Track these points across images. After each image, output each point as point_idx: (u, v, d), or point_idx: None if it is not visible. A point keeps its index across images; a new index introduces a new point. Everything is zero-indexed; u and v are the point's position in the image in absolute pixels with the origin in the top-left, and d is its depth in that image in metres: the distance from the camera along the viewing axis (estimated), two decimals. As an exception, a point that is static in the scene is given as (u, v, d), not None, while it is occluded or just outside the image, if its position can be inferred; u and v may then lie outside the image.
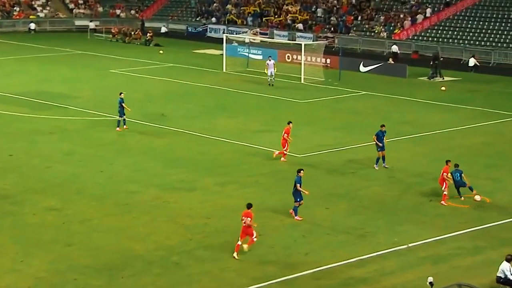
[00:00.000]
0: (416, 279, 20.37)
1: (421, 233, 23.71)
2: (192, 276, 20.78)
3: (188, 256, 22.02)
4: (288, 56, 58.27)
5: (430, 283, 18.96)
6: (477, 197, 26.49)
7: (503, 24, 60.90)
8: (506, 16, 61.63)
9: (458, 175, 26.95)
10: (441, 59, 54.67)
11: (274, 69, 48.52)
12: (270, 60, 48.87)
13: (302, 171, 25.06)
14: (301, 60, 52.42)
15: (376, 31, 66.16)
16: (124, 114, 36.56)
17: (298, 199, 24.77)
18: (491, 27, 61.24)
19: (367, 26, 67.83)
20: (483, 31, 61.24)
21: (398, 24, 65.94)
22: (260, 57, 58.93)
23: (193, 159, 32.04)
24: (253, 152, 33.23)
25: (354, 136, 36.01)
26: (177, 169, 30.64)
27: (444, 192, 26.53)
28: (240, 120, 39.44)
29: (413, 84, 50.69)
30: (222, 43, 57.16)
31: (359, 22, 68.93)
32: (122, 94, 36.90)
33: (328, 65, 55.53)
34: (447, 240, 23.27)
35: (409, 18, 65.59)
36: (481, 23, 62.08)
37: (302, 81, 50.85)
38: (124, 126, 36.65)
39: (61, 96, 45.40)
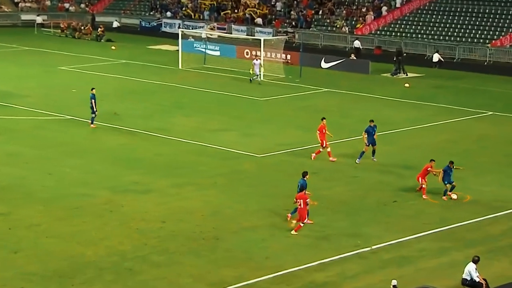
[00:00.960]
0: (379, 282, 20.54)
1: (385, 234, 23.93)
2: (146, 282, 20.66)
3: (142, 262, 21.89)
4: (247, 52, 58.32)
5: (394, 286, 19.16)
6: (454, 196, 26.93)
7: (467, 18, 61.80)
8: (470, 10, 62.55)
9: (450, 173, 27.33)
10: (405, 54, 55.28)
11: (261, 69, 48.35)
12: (257, 60, 48.90)
13: (307, 175, 25.12)
14: (260, 56, 52.48)
15: (337, 26, 66.60)
16: (95, 112, 36.48)
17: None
18: (455, 21, 62.10)
19: (328, 20, 68.25)
20: (447, 25, 62.07)
21: (361, 18, 66.47)
22: (217, 53, 58.88)
23: (148, 160, 31.87)
24: (211, 152, 33.19)
25: (315, 134, 36.10)
26: (131, 170, 30.45)
27: (423, 186, 27.15)
28: (198, 119, 39.35)
29: (376, 80, 51.15)
30: (178, 38, 56.93)
31: (320, 16, 69.32)
32: (93, 90, 36.92)
33: (289, 61, 55.70)
34: (412, 241, 23.52)
35: (372, 12, 66.15)
36: (445, 17, 62.91)
37: (262, 78, 50.93)
38: (91, 125, 36.60)
39: (7, 94, 44.75)
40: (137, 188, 28.28)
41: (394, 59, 53.50)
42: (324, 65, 55.14)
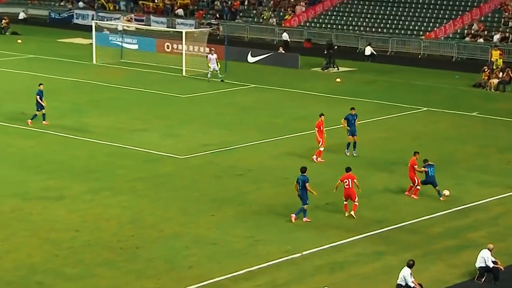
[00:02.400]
0: (311, 290, 20.74)
1: (317, 239, 24.16)
2: (59, 298, 20.35)
3: (54, 275, 21.54)
4: (167, 45, 58.04)
5: (326, 293, 19.37)
6: (446, 192, 27.65)
7: (400, 9, 62.97)
8: (403, 0, 63.63)
9: (432, 170, 27.84)
10: (336, 47, 55.93)
11: (217, 65, 47.91)
12: (212, 54, 48.40)
13: (306, 171, 25.85)
14: (182, 50, 52.30)
15: (264, 17, 66.91)
16: (43, 108, 36.61)
17: (308, 202, 25.38)
18: (388, 12, 63.20)
19: (255, 11, 68.50)
20: (380, 16, 63.11)
21: (289, 9, 66.95)
22: (135, 46, 58.41)
23: (60, 164, 31.41)
24: (130, 154, 32.92)
25: (242, 134, 36.29)
26: (42, 175, 29.94)
27: (417, 187, 27.69)
28: (115, 118, 38.95)
29: (306, 75, 51.62)
30: (91, 31, 56.22)
31: (246, 7, 69.51)
32: (41, 86, 36.98)
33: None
34: (344, 246, 23.82)
35: (303, 3, 66.70)
36: (377, 8, 63.95)
37: (184, 74, 50.77)
38: (44, 122, 36.61)
39: None
40: (48, 194, 27.82)
41: (325, 52, 54.07)
42: (250, 59, 55.33)
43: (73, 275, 21.53)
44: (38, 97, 36.87)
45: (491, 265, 21.32)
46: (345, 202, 26.12)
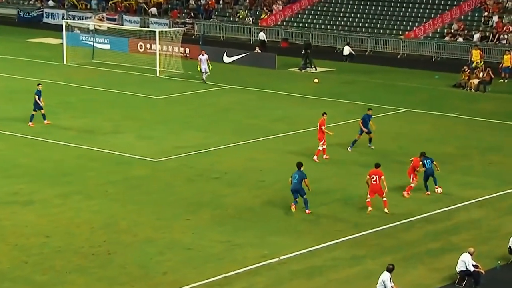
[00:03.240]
0: (289, 295, 20.74)
1: (294, 243, 24.16)
2: (29, 306, 20.19)
3: (23, 282, 21.37)
4: (140, 45, 57.86)
5: (305, 299, 19.36)
6: (439, 190, 28.43)
7: (379, 8, 63.18)
8: (382, -1, 63.95)
9: (430, 162, 28.50)
10: (313, 47, 56.00)
11: (209, 66, 47.66)
12: (203, 55, 48.15)
13: (302, 166, 26.94)
14: (155, 50, 52.14)
15: (240, 17, 66.91)
16: (42, 108, 36.93)
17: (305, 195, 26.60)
18: (366, 11, 63.38)
19: (230, 10, 68.48)
20: (358, 16, 63.29)
21: (265, 8, 66.99)
22: (107, 46, 58.16)
23: (30, 167, 31.21)
24: (102, 157, 32.76)
25: (218, 136, 36.24)
26: (10, 179, 29.72)
27: (411, 184, 28.40)
28: (86, 120, 38.75)
29: (283, 76, 51.67)
30: (62, 30, 55.91)
31: (221, 6, 69.47)
32: (40, 86, 37.25)
33: (188, 55, 55.57)
34: (323, 250, 23.84)
35: (279, 2, 66.77)
36: (355, 7, 64.12)
37: (158, 74, 50.63)
38: (45, 121, 36.96)
39: None
40: (17, 199, 27.61)
41: (302, 52, 54.15)
42: (226, 59, 55.28)
43: (43, 283, 21.37)
44: (36, 97, 37.12)
45: (471, 269, 21.42)
46: (368, 199, 26.67)
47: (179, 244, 24.00)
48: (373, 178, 26.71)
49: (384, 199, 26.72)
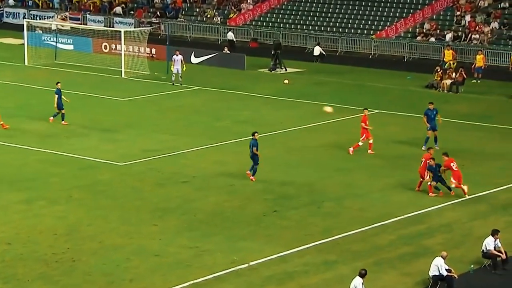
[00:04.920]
0: (259, 302, 20.80)
1: (265, 248, 24.25)
2: (-10, 316, 20.06)
3: (-15, 292, 21.27)
4: (105, 45, 57.65)
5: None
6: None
7: (350, 7, 63.53)
8: (353, -2, 64.26)
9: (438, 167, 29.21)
10: (283, 48, 56.16)
11: (183, 67, 47.39)
12: (177, 55, 47.88)
13: (257, 133, 30.23)
14: (120, 50, 52.00)
15: (208, 16, 66.92)
16: (63, 108, 37.94)
17: (258, 162, 30.03)
18: (337, 10, 63.71)
19: (198, 9, 68.47)
20: (329, 15, 63.59)
21: (234, 7, 67.07)
22: (71, 46, 57.89)
23: (-11, 172, 30.98)
24: (65, 161, 32.63)
25: (186, 138, 36.24)
26: (-30, 185, 29.49)
27: (429, 183, 28.84)
28: (49, 123, 38.50)
29: (252, 76, 51.77)
30: (23, 30, 55.54)
31: (188, 5, 69.43)
32: (59, 84, 37.84)
33: (154, 55, 55.50)
34: (294, 255, 23.94)
35: (248, 1, 66.85)
36: (326, 6, 64.42)
37: (123, 75, 50.48)
38: (63, 122, 37.84)
39: None
40: (-22, 205, 27.42)
41: (272, 52, 54.28)
42: (194, 60, 55.26)
43: (5, 291, 21.27)
44: (56, 96, 37.80)
45: (444, 273, 21.66)
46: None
47: (146, 251, 23.98)
48: (453, 165, 28.61)
49: (464, 186, 28.58)
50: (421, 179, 29.31)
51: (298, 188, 29.67)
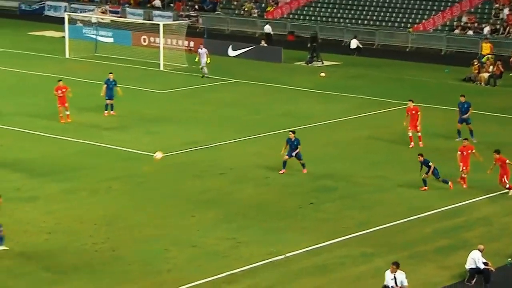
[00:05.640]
0: (296, 293, 20.81)
1: (301, 240, 24.21)
2: (32, 304, 20.31)
3: (28, 279, 21.46)
4: (144, 38, 57.90)
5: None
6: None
7: (387, 1, 63.09)
8: (390, -9, 63.84)
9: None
10: (320, 41, 56.01)
11: (207, 59, 47.79)
12: (201, 49, 48.24)
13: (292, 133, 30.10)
14: (159, 44, 52.19)
15: (246, 9, 66.91)
16: (112, 99, 38.36)
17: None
18: (374, 3, 63.32)
19: (235, 3, 68.46)
20: (366, 8, 63.23)
21: (271, 0, 66.97)
22: (110, 39, 58.22)
23: (33, 163, 31.31)
24: (106, 153, 32.89)
25: (223, 131, 36.30)
26: (12, 175, 29.84)
27: (463, 175, 28.89)
28: (89, 115, 38.80)
29: (289, 69, 51.68)
30: (64, 23, 55.97)
31: (226, -2, 69.48)
32: (111, 75, 38.42)
33: (192, 49, 55.56)
34: (330, 247, 23.88)
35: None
36: (363, -1, 64.12)
37: (162, 68, 50.67)
38: (111, 112, 38.34)
39: None
40: (20, 195, 27.71)
41: (309, 45, 54.16)
42: (231, 53, 55.30)
43: (47, 279, 21.46)
44: (105, 86, 38.33)
45: (481, 266, 21.47)
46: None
47: (184, 241, 24.08)
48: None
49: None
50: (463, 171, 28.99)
51: (334, 181, 29.59)
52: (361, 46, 56.89)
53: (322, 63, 53.21)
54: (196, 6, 68.57)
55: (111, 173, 30.21)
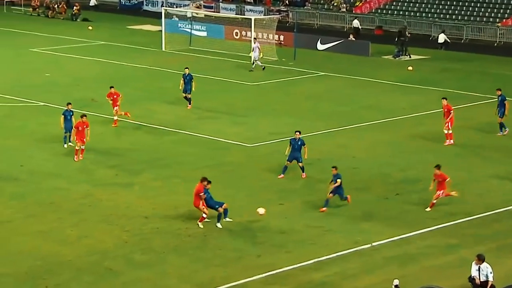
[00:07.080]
0: (381, 282, 20.66)
1: (387, 230, 24.04)
2: (127, 284, 20.73)
3: (124, 261, 21.94)
4: (236, 32, 58.28)
5: (396, 286, 19.29)
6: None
7: (476, -4, 61.92)
8: (479, -14, 62.57)
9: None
10: (408, 35, 55.33)
11: (260, 53, 48.12)
12: (254, 43, 48.70)
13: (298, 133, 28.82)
14: (251, 37, 52.44)
15: (335, 4, 66.59)
16: (189, 92, 38.18)
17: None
18: (462, -1, 62.22)
19: (325, -2, 68.23)
20: (454, 3, 62.14)
21: (360, -5, 66.48)
22: (204, 33, 58.83)
23: (127, 151, 31.90)
24: (197, 142, 33.25)
25: (310, 122, 36.26)
26: (109, 162, 30.43)
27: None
28: (183, 106, 39.29)
29: (376, 63, 51.24)
30: (161, 17, 56.86)
31: (316, -7, 69.27)
32: (186, 70, 38.61)
33: (282, 42, 55.70)
34: (416, 238, 23.65)
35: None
36: (451, -6, 63.02)
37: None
38: (188, 106, 38.22)
39: (-26, 79, 44.66)
40: (117, 181, 28.31)
41: (396, 40, 53.60)
42: (320, 46, 55.19)
43: (142, 262, 21.91)
44: (182, 80, 38.29)
45: None
46: None
47: (272, 228, 24.20)
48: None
49: None
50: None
51: (419, 173, 29.21)
52: (449, 40, 55.97)
53: (410, 57, 52.58)
54: (287, 1, 68.58)
55: (203, 162, 30.54)
